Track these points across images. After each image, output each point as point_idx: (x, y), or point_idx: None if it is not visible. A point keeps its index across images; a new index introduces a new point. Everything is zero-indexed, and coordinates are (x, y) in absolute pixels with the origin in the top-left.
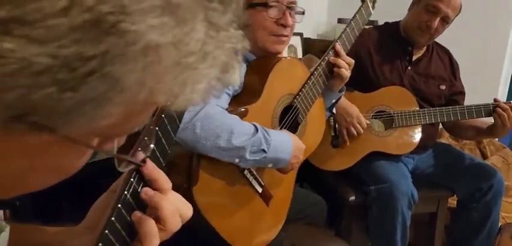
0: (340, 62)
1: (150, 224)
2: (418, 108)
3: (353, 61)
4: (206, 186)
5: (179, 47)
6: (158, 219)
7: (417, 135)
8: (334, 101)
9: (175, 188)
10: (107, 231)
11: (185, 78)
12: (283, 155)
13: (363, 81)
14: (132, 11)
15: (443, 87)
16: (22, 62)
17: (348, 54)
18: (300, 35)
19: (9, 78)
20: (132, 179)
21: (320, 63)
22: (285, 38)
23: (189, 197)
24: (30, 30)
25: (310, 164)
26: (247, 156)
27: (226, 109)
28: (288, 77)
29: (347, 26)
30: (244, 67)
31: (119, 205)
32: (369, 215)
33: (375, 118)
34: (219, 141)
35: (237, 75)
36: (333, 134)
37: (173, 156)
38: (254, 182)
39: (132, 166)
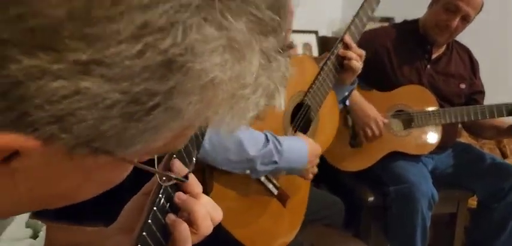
0: (350, 54)
1: (183, 227)
2: (438, 108)
3: (364, 52)
4: (221, 194)
5: (236, 80)
6: (190, 223)
7: (437, 134)
8: (346, 93)
9: None
10: (144, 233)
11: (238, 108)
12: (297, 164)
13: (381, 79)
14: (200, 52)
15: (463, 86)
16: (96, 98)
17: (366, 52)
18: (315, 33)
19: (83, 112)
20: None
21: (329, 57)
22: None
23: None
24: (107, 71)
25: (327, 165)
26: (258, 168)
27: None
28: (297, 75)
29: (355, 16)
30: None
31: (155, 208)
32: (388, 216)
33: (394, 118)
34: (229, 154)
35: (282, 100)
36: (351, 133)
37: None
38: (270, 185)
39: (173, 181)
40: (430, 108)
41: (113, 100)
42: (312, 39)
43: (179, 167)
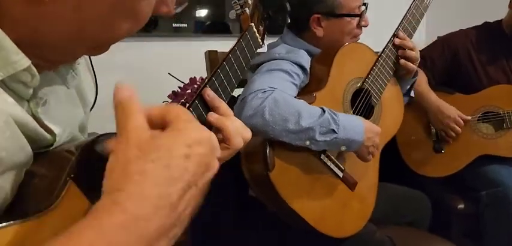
0: (404, 51)
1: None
2: None
3: (416, 47)
4: (283, 173)
5: None
6: (223, 140)
7: None
8: (408, 86)
9: (256, 177)
10: None
11: None
12: (355, 136)
13: (463, 82)
14: None
15: None
16: None
17: (445, 54)
18: None
19: None
20: (196, 102)
21: (387, 44)
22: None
23: (269, 184)
24: None
25: (410, 171)
26: (317, 137)
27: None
28: (354, 61)
29: (407, 12)
30: (309, 60)
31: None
32: (482, 224)
33: (482, 120)
34: (288, 125)
35: None
36: (434, 138)
37: (251, 147)
38: (334, 167)
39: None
40: None
41: None
42: None
43: (212, 95)
